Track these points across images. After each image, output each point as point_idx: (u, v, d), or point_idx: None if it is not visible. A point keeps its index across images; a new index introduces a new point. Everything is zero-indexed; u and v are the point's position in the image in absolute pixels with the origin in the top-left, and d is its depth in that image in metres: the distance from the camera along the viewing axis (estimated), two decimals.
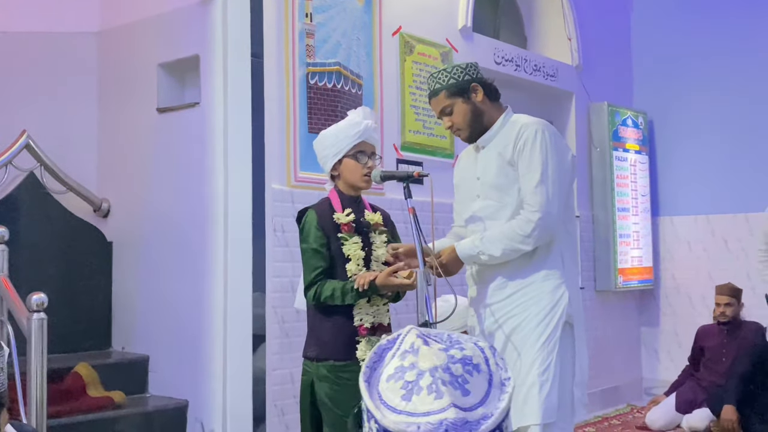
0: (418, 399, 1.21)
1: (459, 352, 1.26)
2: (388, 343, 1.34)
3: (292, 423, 3.99)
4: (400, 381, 1.24)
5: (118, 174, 4.54)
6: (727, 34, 6.59)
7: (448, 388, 1.21)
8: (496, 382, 1.26)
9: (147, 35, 4.39)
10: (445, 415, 1.18)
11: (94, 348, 4.39)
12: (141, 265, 4.35)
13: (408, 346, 1.29)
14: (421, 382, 1.22)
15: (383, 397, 1.25)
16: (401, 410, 1.21)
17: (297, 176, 4.24)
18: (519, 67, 5.90)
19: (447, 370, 1.23)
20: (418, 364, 1.25)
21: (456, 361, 1.25)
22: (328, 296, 2.86)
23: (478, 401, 1.22)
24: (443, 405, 1.19)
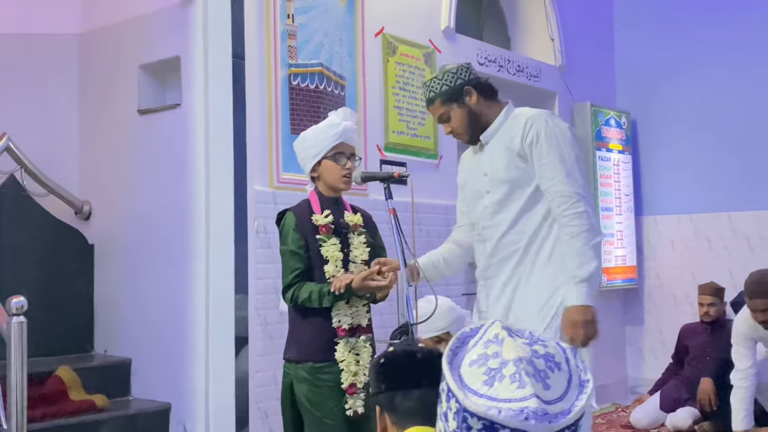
0: (501, 386, 1.23)
1: (542, 348, 1.29)
2: (471, 332, 1.37)
3: (276, 425, 3.98)
4: (483, 367, 1.27)
5: (100, 176, 4.51)
6: (710, 34, 6.63)
7: (531, 380, 1.23)
8: (575, 383, 1.28)
9: (128, 37, 4.37)
10: (527, 404, 1.20)
11: (76, 351, 4.36)
12: (123, 268, 4.33)
13: (492, 336, 1.32)
14: (504, 370, 1.25)
15: (465, 380, 1.27)
16: (482, 394, 1.24)
17: (279, 178, 4.23)
18: (502, 68, 5.91)
19: (531, 363, 1.25)
20: (502, 353, 1.27)
21: (539, 356, 1.27)
22: (305, 299, 2.87)
23: (557, 397, 1.25)
24: (525, 394, 1.21)
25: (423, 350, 1.80)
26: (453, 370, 1.30)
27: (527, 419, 1.19)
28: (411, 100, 5.08)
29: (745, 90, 6.42)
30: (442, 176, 5.26)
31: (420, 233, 4.95)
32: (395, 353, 1.81)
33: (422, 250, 4.88)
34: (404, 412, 1.70)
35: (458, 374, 1.29)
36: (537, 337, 1.35)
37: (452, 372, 1.30)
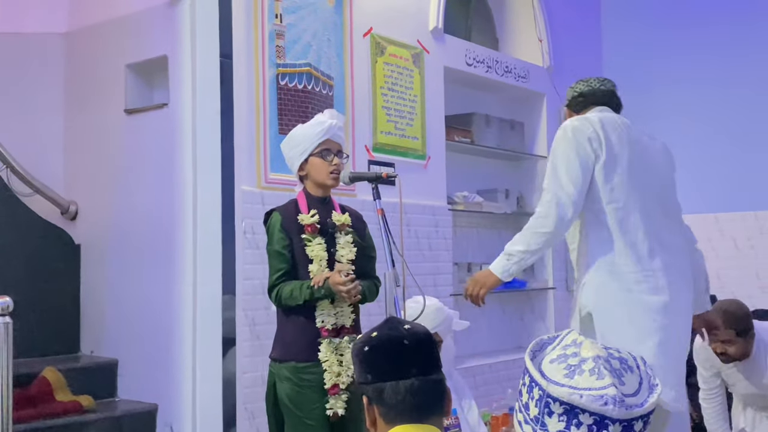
0: (581, 378, 1.37)
1: (617, 353, 1.45)
2: (549, 339, 1.52)
3: (263, 426, 3.97)
4: (563, 364, 1.41)
5: (86, 176, 4.49)
6: (699, 35, 6.65)
7: (609, 373, 1.37)
8: (645, 386, 1.43)
9: (115, 36, 4.34)
10: (606, 391, 1.34)
11: (62, 352, 4.34)
12: (109, 268, 4.30)
13: (569, 342, 1.47)
14: (584, 366, 1.39)
15: (546, 373, 1.40)
16: (564, 384, 1.37)
17: (267, 178, 4.22)
18: (490, 69, 5.92)
19: (608, 362, 1.39)
20: (581, 353, 1.42)
21: (614, 358, 1.42)
22: (287, 296, 2.87)
23: (631, 392, 1.39)
24: (604, 384, 1.35)
25: (410, 334, 1.64)
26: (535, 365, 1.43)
27: (606, 404, 1.32)
28: (399, 100, 5.08)
29: (733, 91, 6.45)
30: (430, 177, 5.26)
31: (408, 234, 4.95)
32: (379, 339, 1.65)
33: (410, 250, 4.90)
34: (394, 405, 1.59)
35: (539, 369, 1.41)
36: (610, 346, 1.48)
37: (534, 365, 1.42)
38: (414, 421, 1.58)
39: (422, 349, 1.63)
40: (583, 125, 3.01)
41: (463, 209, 5.61)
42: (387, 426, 1.61)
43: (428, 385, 1.60)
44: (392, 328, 1.69)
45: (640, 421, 1.36)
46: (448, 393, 1.66)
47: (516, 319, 6.36)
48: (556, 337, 1.51)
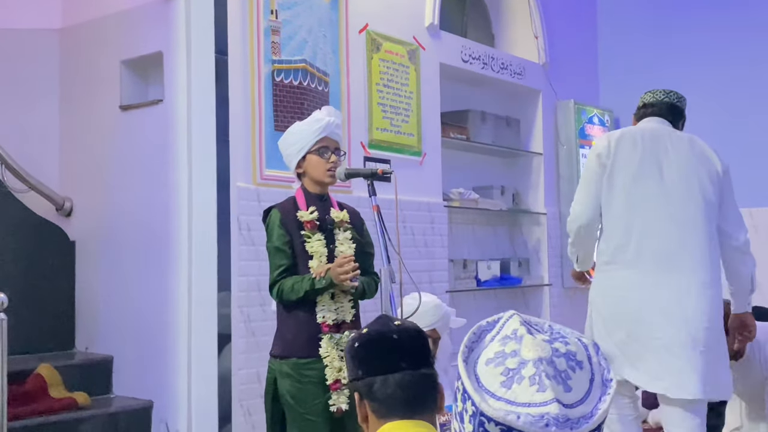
0: (519, 388, 1.18)
1: (563, 346, 1.23)
2: (488, 325, 1.32)
3: (259, 423, 3.97)
4: (501, 367, 1.21)
5: (81, 172, 4.48)
6: (694, 32, 6.66)
7: (552, 382, 1.17)
8: (598, 382, 1.24)
9: (109, 32, 4.33)
10: (547, 409, 1.15)
11: (57, 349, 4.33)
12: (105, 265, 4.30)
13: (510, 332, 1.26)
14: (524, 371, 1.19)
15: (482, 381, 1.22)
16: (500, 396, 1.19)
17: (263, 174, 4.21)
18: (486, 65, 5.91)
19: (551, 363, 1.20)
20: (521, 352, 1.21)
21: (560, 355, 1.22)
22: (288, 290, 2.86)
23: (578, 399, 1.19)
24: (546, 398, 1.16)
25: (400, 330, 1.67)
26: (469, 369, 1.25)
27: (548, 426, 1.14)
28: (395, 97, 5.07)
29: (728, 89, 6.45)
30: (425, 173, 5.26)
31: (404, 231, 4.95)
32: (369, 335, 1.68)
33: (406, 247, 4.90)
34: (384, 400, 1.60)
35: (474, 373, 1.24)
36: (558, 331, 1.29)
37: (468, 371, 1.25)
38: (405, 417, 1.58)
39: (412, 344, 1.65)
40: (600, 142, 3.48)
41: (459, 206, 5.61)
42: (379, 422, 1.60)
43: (418, 379, 1.61)
44: (383, 324, 1.71)
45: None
46: (440, 389, 1.67)
47: None
48: (497, 321, 1.32)
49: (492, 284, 5.89)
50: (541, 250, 6.39)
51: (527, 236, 6.45)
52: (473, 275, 5.72)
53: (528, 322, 1.29)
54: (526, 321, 1.29)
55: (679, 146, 3.37)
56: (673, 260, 3.21)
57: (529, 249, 6.43)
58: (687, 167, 3.32)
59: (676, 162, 3.32)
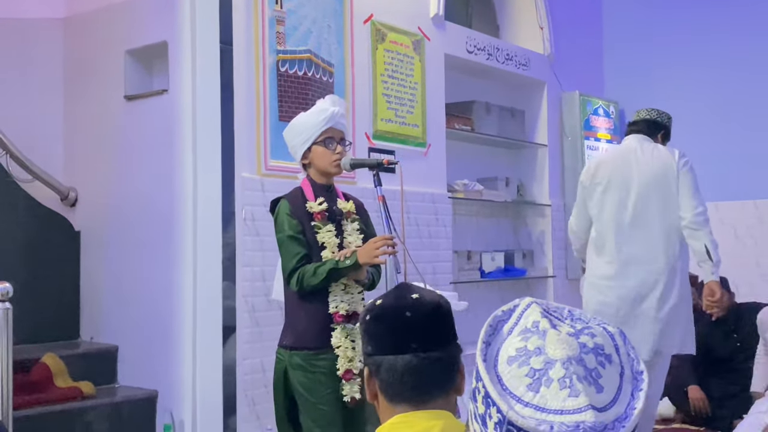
0: (548, 392, 1.07)
1: (590, 339, 1.12)
2: (503, 314, 1.20)
3: (263, 413, 3.98)
4: (525, 367, 1.10)
5: (86, 162, 4.48)
6: (700, 24, 6.64)
7: (584, 385, 1.07)
8: (628, 376, 1.13)
9: (114, 21, 4.32)
10: (582, 417, 1.05)
11: (62, 338, 4.34)
12: (109, 255, 4.30)
13: (530, 324, 1.15)
14: (551, 372, 1.08)
15: (505, 383, 1.11)
16: (528, 402, 1.08)
17: (267, 165, 4.21)
18: (491, 56, 5.90)
19: (580, 362, 1.09)
20: (546, 350, 1.10)
21: (588, 351, 1.11)
22: (311, 275, 2.83)
23: (611, 399, 1.09)
24: (580, 405, 1.05)
25: (414, 305, 1.53)
26: (489, 368, 1.13)
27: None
28: (399, 87, 5.06)
29: (733, 79, 6.43)
30: (430, 165, 5.25)
31: (408, 221, 4.95)
32: (383, 308, 1.55)
33: (410, 238, 4.90)
34: (392, 383, 1.50)
35: (496, 374, 1.12)
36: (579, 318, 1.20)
37: (489, 372, 1.12)
38: (415, 402, 1.49)
39: (426, 322, 1.52)
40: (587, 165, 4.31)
41: (463, 197, 5.61)
42: (389, 405, 1.51)
43: (429, 363, 1.49)
44: (399, 296, 1.57)
45: None
46: (461, 369, 1.54)
47: None
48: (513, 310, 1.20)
49: (496, 275, 5.89)
50: (545, 241, 6.39)
51: (531, 228, 6.44)
52: (477, 266, 5.72)
53: (548, 311, 1.19)
54: (546, 310, 1.19)
55: (643, 158, 4.06)
56: (632, 254, 4.00)
57: (533, 240, 6.42)
58: (648, 175, 4.01)
59: (637, 172, 4.03)
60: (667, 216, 3.99)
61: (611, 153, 4.41)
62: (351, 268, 2.83)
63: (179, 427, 3.83)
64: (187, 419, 3.83)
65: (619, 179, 4.06)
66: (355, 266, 2.82)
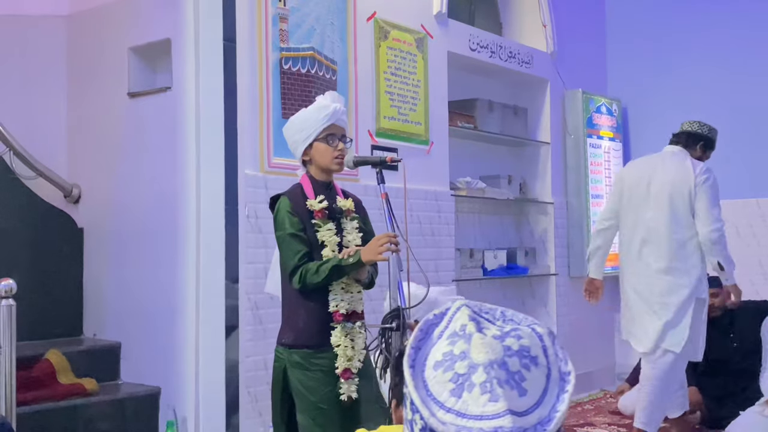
0: (470, 397, 1.07)
1: (516, 342, 1.12)
2: (435, 318, 1.20)
3: (266, 409, 3.98)
4: (450, 372, 1.10)
5: (89, 159, 4.49)
6: (702, 22, 6.63)
7: (504, 390, 1.07)
8: (555, 377, 1.13)
9: (117, 18, 4.33)
10: (500, 423, 1.05)
11: (65, 335, 4.35)
12: (112, 252, 4.31)
13: (458, 328, 1.15)
14: (474, 377, 1.09)
15: (430, 388, 1.11)
16: (450, 407, 1.08)
17: (270, 162, 4.21)
18: (494, 54, 5.90)
19: (503, 366, 1.09)
20: (470, 354, 1.11)
21: (512, 354, 1.11)
22: (313, 273, 2.83)
23: (534, 402, 1.09)
24: (498, 410, 1.06)
25: None
26: (416, 375, 1.13)
27: None
28: (402, 85, 5.06)
29: (736, 77, 6.43)
30: (432, 162, 5.25)
31: (410, 219, 4.95)
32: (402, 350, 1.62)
33: (413, 236, 4.90)
34: None
35: (422, 380, 1.13)
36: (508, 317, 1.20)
37: (415, 378, 1.13)
38: None
39: None
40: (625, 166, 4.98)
41: (466, 195, 5.61)
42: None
43: None
44: None
45: None
46: None
47: (517, 304, 6.36)
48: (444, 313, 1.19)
49: (498, 273, 5.89)
50: (547, 239, 6.39)
51: (534, 226, 6.44)
52: (480, 264, 5.72)
53: (478, 313, 1.19)
54: (476, 312, 1.19)
55: (668, 167, 4.46)
56: (642, 252, 4.48)
57: (536, 238, 6.43)
58: (666, 182, 4.42)
59: (660, 179, 4.45)
60: (678, 228, 4.37)
61: (643, 158, 4.79)
62: (354, 266, 2.83)
63: (182, 424, 3.84)
64: (190, 416, 3.84)
65: (643, 183, 4.48)
66: (358, 264, 2.82)
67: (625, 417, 5.55)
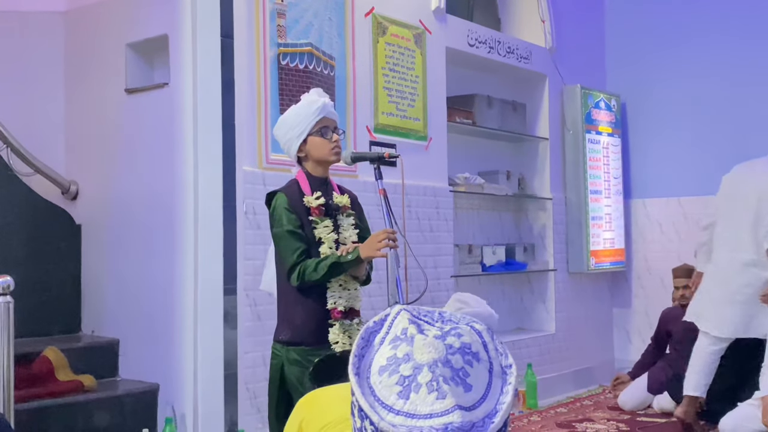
0: (418, 398, 1.10)
1: (457, 339, 1.15)
2: (375, 325, 1.22)
3: (264, 406, 3.98)
4: (395, 375, 1.13)
5: (87, 156, 4.48)
6: (701, 18, 6.62)
7: (451, 386, 1.10)
8: (497, 371, 1.17)
9: (114, 14, 4.32)
10: (450, 419, 1.08)
11: (64, 332, 4.35)
12: (110, 248, 4.30)
13: (399, 332, 1.18)
14: (420, 377, 1.11)
15: (377, 393, 1.13)
16: (399, 410, 1.11)
17: (268, 158, 4.20)
18: (492, 49, 5.89)
19: (447, 364, 1.12)
20: (414, 355, 1.13)
21: (455, 352, 1.14)
22: (311, 270, 2.82)
23: (480, 396, 1.13)
24: (447, 407, 1.09)
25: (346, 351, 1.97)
26: (362, 381, 1.15)
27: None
28: (401, 81, 5.05)
29: (735, 73, 6.42)
30: (431, 158, 5.25)
31: (409, 215, 4.95)
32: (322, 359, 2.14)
33: (412, 232, 4.90)
34: None
35: (369, 386, 1.14)
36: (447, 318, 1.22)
37: (361, 385, 1.14)
38: None
39: None
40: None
41: (465, 191, 5.60)
42: None
43: None
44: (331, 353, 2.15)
45: None
46: None
47: (516, 300, 6.37)
48: (384, 320, 1.21)
49: (497, 269, 5.89)
50: (546, 235, 6.38)
51: (533, 221, 6.44)
52: (478, 260, 5.72)
53: (417, 316, 1.21)
54: (416, 316, 1.21)
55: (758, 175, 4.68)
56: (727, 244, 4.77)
57: (535, 234, 6.42)
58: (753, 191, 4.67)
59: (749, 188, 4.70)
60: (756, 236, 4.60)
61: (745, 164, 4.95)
62: (353, 263, 2.83)
63: (180, 421, 3.83)
64: (189, 412, 3.83)
65: (735, 191, 4.77)
66: (356, 261, 2.82)
67: (624, 412, 5.56)
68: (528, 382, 5.54)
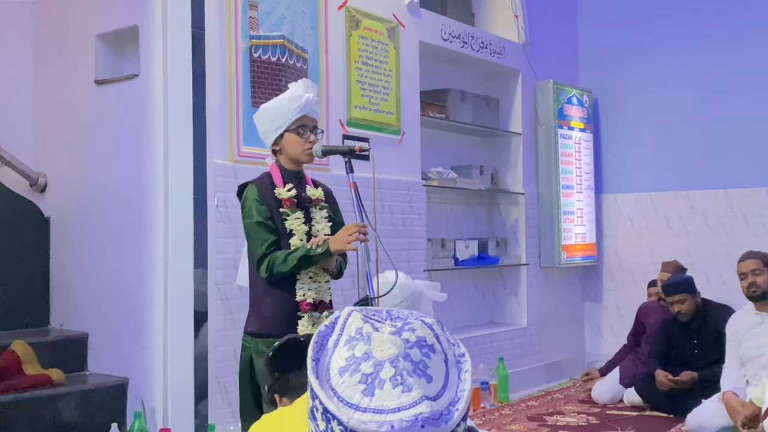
0: (383, 394, 1.11)
1: (412, 334, 1.17)
2: (326, 329, 1.22)
3: (235, 400, 3.95)
4: (357, 374, 1.13)
5: (55, 148, 4.43)
6: (673, 15, 6.67)
7: (415, 378, 1.12)
8: (452, 361, 1.18)
9: (84, 5, 4.27)
10: (419, 410, 1.09)
11: (32, 325, 4.30)
12: (79, 241, 4.26)
13: (354, 332, 1.18)
14: (382, 374, 1.12)
15: (340, 394, 1.13)
16: (366, 407, 1.11)
17: (240, 151, 4.18)
18: (466, 44, 5.90)
19: (407, 358, 1.14)
20: (374, 353, 1.14)
21: (412, 346, 1.15)
22: (281, 262, 2.82)
23: (441, 386, 1.15)
24: (414, 398, 1.10)
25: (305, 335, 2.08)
26: (323, 384, 1.15)
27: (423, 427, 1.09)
28: (374, 74, 5.04)
29: (706, 69, 6.48)
30: (404, 152, 5.25)
31: (382, 209, 4.95)
32: (280, 345, 2.10)
33: (384, 226, 4.90)
34: (300, 387, 1.79)
35: (331, 388, 1.14)
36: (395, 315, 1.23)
37: (323, 387, 1.14)
38: None
39: None
40: None
41: (438, 185, 5.61)
42: None
43: None
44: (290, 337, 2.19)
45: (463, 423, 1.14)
46: None
47: (488, 294, 6.40)
48: (335, 323, 1.22)
49: (470, 263, 5.91)
50: (518, 230, 6.41)
51: (505, 216, 6.47)
52: (451, 254, 5.73)
53: (368, 316, 1.22)
54: (366, 316, 1.22)
55: None
56: None
57: (507, 229, 6.45)
58: None
59: None
60: None
61: None
62: (323, 256, 2.82)
63: (150, 415, 3.81)
64: (158, 406, 3.81)
65: None
66: (326, 254, 2.81)
67: (594, 405, 5.61)
68: (500, 375, 5.56)
